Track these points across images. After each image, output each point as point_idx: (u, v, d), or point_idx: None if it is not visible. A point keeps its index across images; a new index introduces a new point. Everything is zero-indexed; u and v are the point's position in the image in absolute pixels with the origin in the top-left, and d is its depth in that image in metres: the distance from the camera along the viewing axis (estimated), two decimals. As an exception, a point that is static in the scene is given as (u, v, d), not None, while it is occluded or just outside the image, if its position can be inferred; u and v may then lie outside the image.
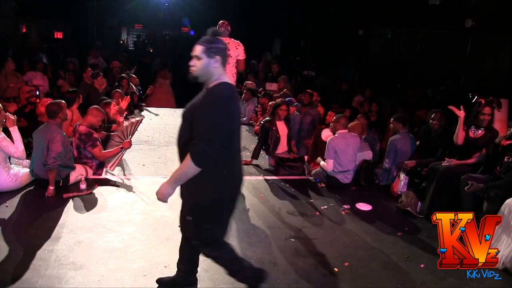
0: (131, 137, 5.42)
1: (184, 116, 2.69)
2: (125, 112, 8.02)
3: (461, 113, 4.81)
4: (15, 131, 4.69)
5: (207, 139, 2.50)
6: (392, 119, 5.82)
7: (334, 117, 5.70)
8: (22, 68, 8.75)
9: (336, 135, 5.53)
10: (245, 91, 9.04)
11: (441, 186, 4.70)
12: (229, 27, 5.94)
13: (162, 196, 2.65)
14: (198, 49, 2.62)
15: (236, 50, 5.91)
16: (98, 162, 5.30)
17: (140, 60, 13.49)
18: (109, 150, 5.35)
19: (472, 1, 8.45)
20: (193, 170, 2.54)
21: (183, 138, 2.68)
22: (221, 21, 5.96)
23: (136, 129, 5.52)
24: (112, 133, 5.60)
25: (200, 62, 2.61)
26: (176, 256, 3.57)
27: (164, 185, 2.64)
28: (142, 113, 8.92)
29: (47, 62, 10.01)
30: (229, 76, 5.87)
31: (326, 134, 5.90)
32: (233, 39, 5.93)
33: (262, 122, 6.54)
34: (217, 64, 2.62)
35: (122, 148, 5.31)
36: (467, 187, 4.29)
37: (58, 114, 4.78)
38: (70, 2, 15.42)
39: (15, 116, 4.90)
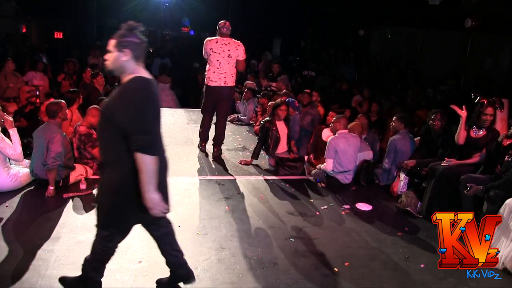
0: None
1: (103, 112, 2.74)
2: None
3: (463, 113, 4.81)
4: (14, 134, 4.68)
5: (144, 131, 2.52)
6: (395, 117, 5.82)
7: (334, 117, 5.71)
8: (22, 68, 8.75)
9: (336, 135, 5.54)
10: (245, 90, 9.03)
11: (439, 186, 4.70)
12: (230, 27, 6.00)
13: (154, 206, 2.58)
14: (110, 43, 2.66)
15: (236, 50, 6.01)
16: (98, 162, 5.31)
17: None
18: None
19: (472, 1, 8.44)
20: (152, 161, 2.55)
21: (103, 136, 2.71)
22: (222, 21, 6.07)
23: None
24: None
25: (111, 55, 2.65)
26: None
27: (145, 198, 2.56)
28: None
29: (47, 62, 10.02)
30: (228, 76, 6.05)
31: (326, 134, 5.91)
32: (233, 40, 6.02)
33: (262, 122, 6.55)
34: (127, 57, 2.62)
35: None
36: (466, 190, 4.29)
37: (58, 114, 4.78)
38: (70, 2, 15.42)
39: (12, 118, 4.90)
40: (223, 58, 5.95)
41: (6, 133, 4.73)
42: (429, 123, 5.39)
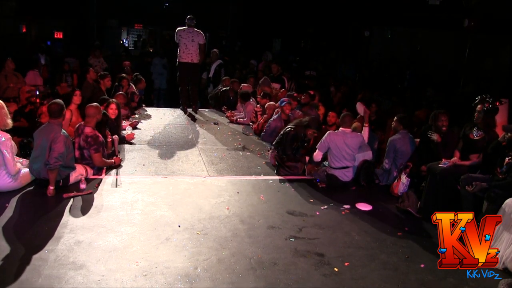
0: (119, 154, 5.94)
1: None
2: (126, 111, 8.06)
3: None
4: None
5: None
6: (395, 117, 5.83)
7: (341, 116, 5.77)
8: (22, 68, 8.74)
9: (337, 131, 5.59)
10: (239, 95, 9.01)
11: (437, 187, 4.73)
12: (194, 21, 8.48)
13: None
14: None
15: (198, 36, 8.50)
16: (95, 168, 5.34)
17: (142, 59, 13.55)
18: (106, 160, 5.41)
19: (472, 1, 8.44)
20: None
21: None
22: (189, 16, 8.47)
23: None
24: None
25: None
26: (176, 256, 3.59)
27: None
28: (145, 113, 8.93)
29: (45, 62, 10.04)
30: (194, 55, 8.57)
31: (360, 108, 6.25)
32: (196, 29, 8.54)
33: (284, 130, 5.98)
34: None
35: (114, 162, 5.61)
36: (471, 187, 4.28)
37: (61, 113, 4.79)
38: (70, 2, 15.43)
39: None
40: (189, 42, 8.47)
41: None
42: (437, 124, 5.27)
